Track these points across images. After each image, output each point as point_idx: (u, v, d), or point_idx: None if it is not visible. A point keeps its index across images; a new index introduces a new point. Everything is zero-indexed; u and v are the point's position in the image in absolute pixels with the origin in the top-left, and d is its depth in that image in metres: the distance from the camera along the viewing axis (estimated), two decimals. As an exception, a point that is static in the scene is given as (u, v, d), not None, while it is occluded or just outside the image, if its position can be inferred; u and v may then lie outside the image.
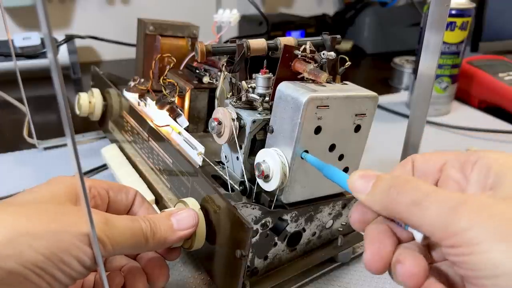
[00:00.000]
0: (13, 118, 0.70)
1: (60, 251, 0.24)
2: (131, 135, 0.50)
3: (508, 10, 0.97)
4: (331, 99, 0.32)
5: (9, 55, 0.56)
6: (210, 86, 0.48)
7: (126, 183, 0.46)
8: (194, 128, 0.48)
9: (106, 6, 1.03)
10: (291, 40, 0.39)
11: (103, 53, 1.07)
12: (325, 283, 0.39)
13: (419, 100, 0.39)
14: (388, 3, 1.14)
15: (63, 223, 0.25)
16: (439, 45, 0.36)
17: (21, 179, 0.54)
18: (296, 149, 0.32)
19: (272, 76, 0.36)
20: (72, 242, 0.25)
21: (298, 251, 0.39)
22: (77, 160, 0.21)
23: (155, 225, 0.29)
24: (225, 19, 0.56)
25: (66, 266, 0.25)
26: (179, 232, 0.31)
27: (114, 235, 0.27)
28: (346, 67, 0.37)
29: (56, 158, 0.60)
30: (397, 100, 0.85)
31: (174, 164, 0.40)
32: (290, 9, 1.25)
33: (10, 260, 0.23)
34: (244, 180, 0.36)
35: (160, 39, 0.53)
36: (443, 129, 0.73)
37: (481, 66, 0.83)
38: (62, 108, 0.19)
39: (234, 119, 0.36)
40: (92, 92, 0.57)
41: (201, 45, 0.37)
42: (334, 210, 0.39)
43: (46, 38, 0.18)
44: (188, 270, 0.40)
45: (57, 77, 0.19)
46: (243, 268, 0.31)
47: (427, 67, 0.38)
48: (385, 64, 1.00)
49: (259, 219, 0.33)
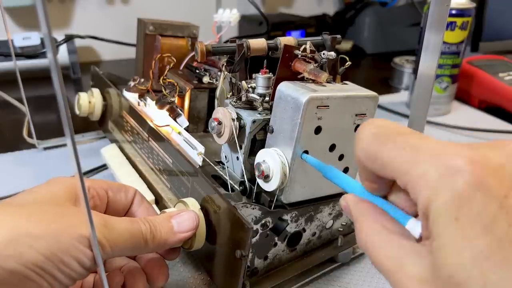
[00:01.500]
0: (13, 118, 0.70)
1: (60, 252, 0.24)
2: (131, 135, 0.50)
3: (508, 10, 0.97)
4: (331, 99, 0.32)
5: (9, 55, 0.56)
6: (210, 86, 0.47)
7: (126, 183, 0.46)
8: (194, 128, 0.48)
9: (106, 6, 1.03)
10: (291, 40, 0.39)
11: (103, 53, 1.07)
12: (325, 283, 0.39)
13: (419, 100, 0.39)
14: (388, 3, 1.14)
15: (63, 225, 0.25)
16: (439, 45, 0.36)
17: (21, 179, 0.54)
18: (296, 149, 0.32)
19: (272, 76, 0.36)
20: (71, 243, 0.25)
21: (298, 251, 0.39)
22: (77, 160, 0.21)
23: (155, 228, 0.29)
24: (225, 19, 0.56)
25: (66, 266, 0.25)
26: (179, 234, 0.31)
27: (113, 238, 0.27)
28: (346, 67, 0.37)
29: (56, 158, 0.59)
30: (397, 100, 0.85)
31: (174, 164, 0.40)
32: (290, 9, 1.25)
33: (11, 260, 0.23)
34: (244, 180, 0.36)
35: (160, 39, 0.53)
36: (443, 129, 0.73)
37: (481, 66, 0.83)
38: (62, 108, 0.19)
39: (234, 119, 0.35)
40: (92, 92, 0.57)
41: (201, 45, 0.37)
42: (334, 210, 0.39)
43: (46, 38, 0.18)
44: (188, 270, 0.40)
45: (57, 77, 0.19)
46: (243, 268, 0.31)
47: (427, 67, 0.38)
48: (385, 64, 1.00)
49: (259, 219, 0.33)
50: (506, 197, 0.17)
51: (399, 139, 0.20)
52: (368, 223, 0.22)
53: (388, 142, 0.20)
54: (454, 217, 0.17)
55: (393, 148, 0.20)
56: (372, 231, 0.21)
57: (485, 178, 0.17)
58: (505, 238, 0.16)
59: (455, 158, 0.17)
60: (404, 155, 0.19)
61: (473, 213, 0.17)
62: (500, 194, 0.17)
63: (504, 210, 0.17)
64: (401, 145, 0.19)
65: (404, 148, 0.19)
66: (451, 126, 0.72)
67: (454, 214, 0.17)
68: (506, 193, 0.17)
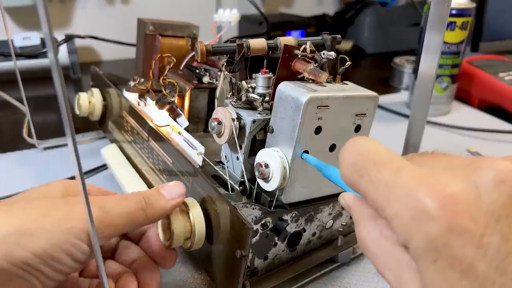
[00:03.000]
0: (13, 118, 0.70)
1: (50, 248, 0.24)
2: (131, 135, 0.50)
3: (508, 10, 0.97)
4: (331, 99, 0.32)
5: (9, 55, 0.56)
6: (210, 86, 0.47)
7: (126, 183, 0.46)
8: (194, 128, 0.48)
9: (106, 6, 1.03)
10: (291, 40, 0.39)
11: (103, 53, 1.07)
12: (325, 283, 0.39)
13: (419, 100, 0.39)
14: (388, 3, 1.14)
15: (54, 219, 0.25)
16: (439, 45, 0.36)
17: (21, 179, 0.54)
18: (296, 149, 0.32)
19: (272, 76, 0.36)
20: (63, 237, 0.25)
21: (298, 251, 0.39)
22: (77, 160, 0.21)
23: (149, 198, 0.30)
24: (225, 19, 0.56)
25: (57, 262, 0.25)
26: (171, 200, 0.31)
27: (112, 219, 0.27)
28: (346, 67, 0.37)
29: (56, 158, 0.59)
30: (397, 100, 0.85)
31: (174, 164, 0.40)
32: (290, 9, 1.25)
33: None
34: (244, 180, 0.36)
35: (160, 39, 0.53)
36: (443, 129, 0.73)
37: (481, 66, 0.83)
38: (63, 108, 0.19)
39: (234, 119, 0.35)
40: (92, 92, 0.57)
41: (201, 45, 0.37)
42: (334, 210, 0.39)
43: (47, 38, 0.18)
44: (188, 270, 0.40)
45: (58, 77, 0.19)
46: (243, 268, 0.31)
47: (428, 67, 0.38)
48: (385, 64, 1.00)
49: (259, 219, 0.33)
50: (483, 236, 0.16)
51: (374, 173, 0.19)
52: (367, 229, 0.21)
53: (364, 174, 0.20)
54: (433, 259, 0.17)
55: (368, 182, 0.19)
56: (371, 239, 0.21)
57: (458, 221, 0.16)
58: (487, 278, 0.16)
59: (426, 201, 0.17)
60: (378, 191, 0.19)
61: (450, 256, 0.16)
62: (476, 234, 0.16)
63: (481, 250, 0.16)
64: (375, 181, 0.19)
65: (378, 184, 0.19)
66: (451, 126, 0.72)
67: (432, 256, 0.17)
68: (482, 232, 0.16)
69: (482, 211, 0.17)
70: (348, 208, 0.23)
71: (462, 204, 0.17)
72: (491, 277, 0.16)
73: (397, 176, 0.18)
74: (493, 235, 0.16)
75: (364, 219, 0.22)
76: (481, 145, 0.67)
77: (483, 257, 0.16)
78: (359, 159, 0.20)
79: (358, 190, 0.20)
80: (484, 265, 0.16)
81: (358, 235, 0.22)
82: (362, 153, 0.20)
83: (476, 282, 0.16)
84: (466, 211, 0.17)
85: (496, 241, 0.16)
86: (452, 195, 0.17)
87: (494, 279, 0.16)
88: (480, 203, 0.17)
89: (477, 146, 0.66)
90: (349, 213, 0.24)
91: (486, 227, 0.16)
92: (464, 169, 0.18)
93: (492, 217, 0.17)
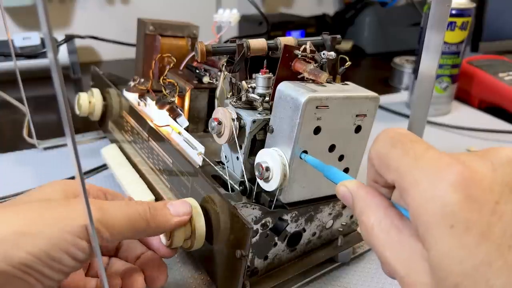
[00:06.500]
0: (13, 118, 0.70)
1: (49, 248, 0.24)
2: (131, 135, 0.50)
3: (508, 10, 0.97)
4: (331, 99, 0.32)
5: (9, 55, 0.56)
6: (210, 86, 0.47)
7: (126, 183, 0.46)
8: (194, 128, 0.48)
9: (106, 6, 1.03)
10: (291, 40, 0.39)
11: (103, 53, 1.07)
12: (325, 283, 0.39)
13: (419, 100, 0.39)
14: (388, 3, 1.14)
15: (52, 219, 0.25)
16: (440, 45, 0.36)
17: (21, 179, 0.54)
18: (295, 149, 0.32)
19: (272, 76, 0.36)
20: (61, 237, 0.25)
21: (298, 251, 0.39)
22: (77, 160, 0.21)
23: (155, 209, 0.30)
24: (225, 19, 0.56)
25: (56, 262, 0.25)
26: (177, 217, 0.31)
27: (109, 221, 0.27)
28: (346, 67, 0.37)
29: (56, 158, 0.59)
30: (397, 100, 0.85)
31: (174, 164, 0.40)
32: (290, 9, 1.25)
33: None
34: (244, 180, 0.36)
35: (160, 39, 0.53)
36: (443, 129, 0.73)
37: (481, 66, 0.83)
38: (63, 108, 0.19)
39: (234, 119, 0.35)
40: (92, 92, 0.57)
41: (201, 45, 0.37)
42: (334, 210, 0.39)
43: (47, 38, 0.18)
44: (188, 270, 0.40)
45: (57, 77, 0.19)
46: (243, 268, 0.31)
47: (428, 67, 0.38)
48: (385, 64, 1.00)
49: (259, 219, 0.33)
50: (497, 203, 0.17)
51: (408, 144, 0.21)
52: (377, 218, 0.22)
53: (398, 145, 0.21)
54: (449, 225, 0.17)
55: (400, 151, 0.21)
56: (381, 228, 0.21)
57: (474, 188, 0.18)
58: (502, 243, 0.17)
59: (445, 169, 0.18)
60: (406, 159, 0.20)
61: (467, 220, 0.17)
62: (491, 201, 0.17)
63: (497, 215, 0.17)
64: (407, 150, 0.20)
65: (408, 152, 0.20)
66: (451, 126, 0.72)
67: (448, 222, 0.17)
68: (497, 199, 0.17)
69: (497, 181, 0.18)
70: (348, 197, 0.24)
71: (479, 174, 0.18)
72: (506, 242, 0.17)
73: (427, 151, 0.20)
74: (507, 203, 0.17)
75: (372, 207, 0.22)
76: (481, 145, 0.67)
77: (498, 223, 0.17)
78: (397, 134, 0.22)
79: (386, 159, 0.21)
80: (499, 230, 0.17)
81: (365, 223, 0.22)
82: (401, 133, 0.22)
83: (493, 247, 0.17)
84: (482, 180, 0.18)
85: (510, 209, 0.17)
86: (469, 166, 0.18)
87: (510, 244, 0.17)
88: (495, 175, 0.18)
89: (477, 146, 0.66)
90: (349, 202, 0.23)
91: (500, 196, 0.18)
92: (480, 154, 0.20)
93: (506, 187, 0.18)
